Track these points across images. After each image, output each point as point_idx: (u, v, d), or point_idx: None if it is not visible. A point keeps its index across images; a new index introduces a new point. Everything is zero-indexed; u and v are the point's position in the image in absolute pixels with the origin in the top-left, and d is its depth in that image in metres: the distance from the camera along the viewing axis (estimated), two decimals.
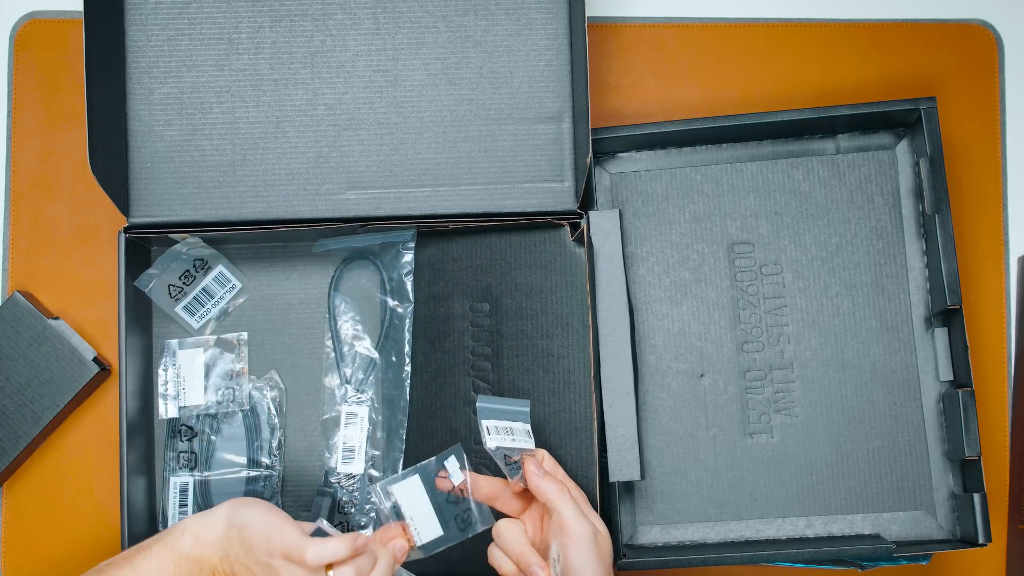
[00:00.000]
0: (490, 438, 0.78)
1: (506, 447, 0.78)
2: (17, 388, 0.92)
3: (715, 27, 0.99)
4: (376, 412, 0.93)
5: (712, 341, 0.90)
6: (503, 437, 0.79)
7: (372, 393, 0.93)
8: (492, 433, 0.78)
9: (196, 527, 0.75)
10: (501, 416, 0.80)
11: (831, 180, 0.91)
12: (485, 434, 0.78)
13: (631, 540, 0.89)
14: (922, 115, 0.88)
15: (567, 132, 0.90)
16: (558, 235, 0.88)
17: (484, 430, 0.78)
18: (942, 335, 0.89)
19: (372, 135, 0.90)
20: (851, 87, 0.98)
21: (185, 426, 0.93)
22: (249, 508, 0.75)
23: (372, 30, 0.90)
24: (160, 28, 0.90)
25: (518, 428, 0.80)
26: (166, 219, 0.89)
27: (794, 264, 0.90)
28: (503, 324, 0.90)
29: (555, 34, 0.90)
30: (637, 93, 0.98)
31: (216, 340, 0.93)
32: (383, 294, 0.94)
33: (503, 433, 0.79)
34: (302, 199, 0.89)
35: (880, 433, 0.88)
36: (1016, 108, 0.98)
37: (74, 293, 0.96)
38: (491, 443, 0.78)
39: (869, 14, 0.99)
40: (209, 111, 0.90)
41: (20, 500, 0.95)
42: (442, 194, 0.90)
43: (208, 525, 0.75)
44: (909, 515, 0.88)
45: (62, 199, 0.96)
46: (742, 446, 0.89)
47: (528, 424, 0.81)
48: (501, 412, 0.80)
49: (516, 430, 0.80)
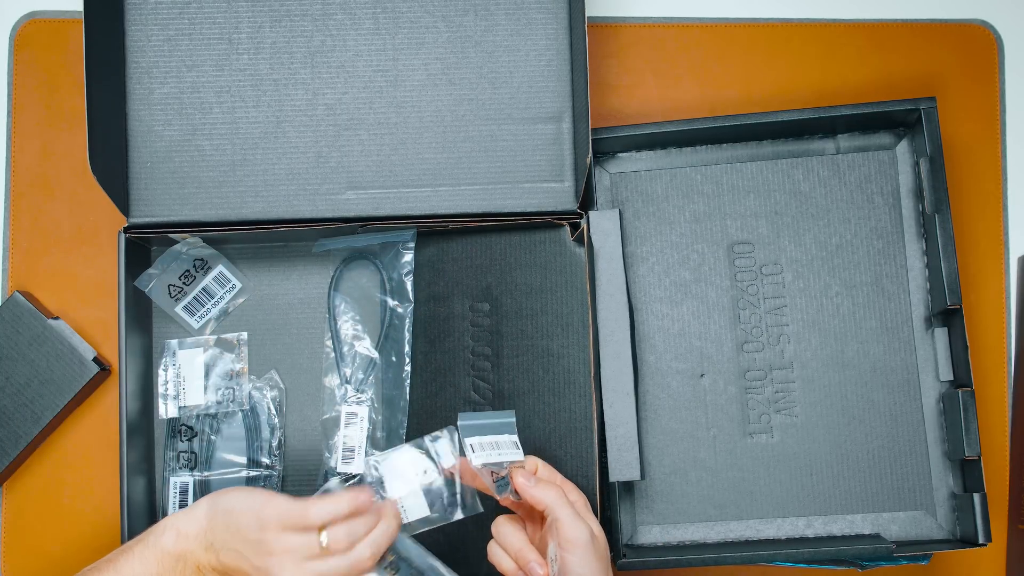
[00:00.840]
0: (475, 456, 0.76)
1: (492, 463, 0.77)
2: (17, 388, 0.92)
3: (715, 27, 0.99)
4: (376, 412, 0.93)
5: (712, 341, 0.90)
6: (488, 453, 0.77)
7: (372, 393, 0.93)
8: (477, 450, 0.77)
9: (177, 523, 0.75)
10: (485, 431, 0.78)
11: (831, 180, 0.91)
12: (469, 452, 0.76)
13: (631, 540, 0.89)
14: (922, 115, 0.88)
15: (567, 132, 0.90)
16: (558, 235, 0.88)
17: (468, 448, 0.77)
18: (942, 335, 0.89)
19: (372, 135, 0.90)
20: (851, 87, 0.98)
21: (185, 426, 0.93)
22: (231, 494, 0.75)
23: (372, 30, 0.90)
24: (160, 28, 0.90)
25: (504, 441, 0.79)
26: (166, 219, 0.89)
27: (794, 264, 0.91)
28: (503, 324, 0.90)
29: (555, 34, 0.90)
30: (637, 93, 0.98)
31: (216, 340, 0.93)
32: (383, 294, 0.94)
33: (488, 449, 0.77)
34: (302, 199, 0.89)
35: (880, 433, 0.88)
36: (1016, 108, 0.98)
37: (74, 293, 0.96)
38: (476, 461, 0.76)
39: (869, 14, 0.99)
40: (209, 111, 0.90)
41: (20, 500, 0.95)
42: (442, 194, 0.90)
43: (189, 519, 0.75)
44: (909, 515, 0.88)
45: (62, 199, 0.96)
46: (742, 446, 0.89)
47: (515, 435, 0.79)
48: (484, 427, 0.79)
49: (502, 443, 0.78)
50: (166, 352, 0.93)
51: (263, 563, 0.72)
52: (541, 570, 0.76)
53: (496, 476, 0.77)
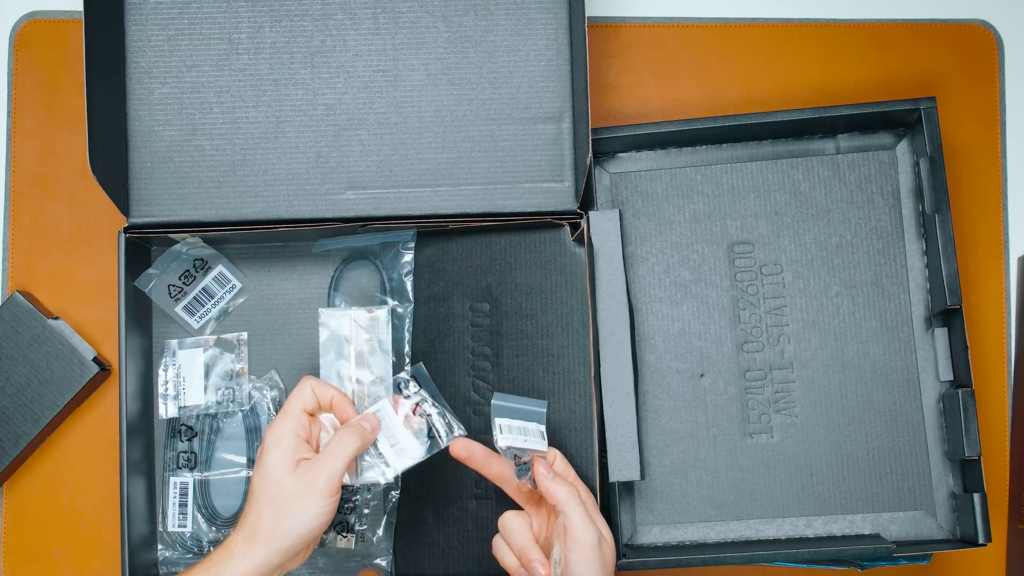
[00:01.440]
0: (502, 436, 0.77)
1: (517, 447, 0.78)
2: (17, 388, 0.92)
3: (715, 27, 0.99)
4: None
5: (712, 341, 0.90)
6: (515, 436, 0.78)
7: None
8: (504, 432, 0.78)
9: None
10: (515, 415, 0.79)
11: (831, 180, 0.91)
12: (497, 432, 0.77)
13: (631, 540, 0.89)
14: (922, 115, 0.88)
15: (567, 132, 0.90)
16: (558, 235, 0.88)
17: (496, 428, 0.78)
18: (942, 335, 0.89)
19: (372, 135, 0.90)
20: (851, 87, 0.98)
21: (185, 426, 0.93)
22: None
23: (372, 30, 0.90)
24: (160, 28, 0.90)
25: (532, 428, 0.80)
26: (166, 219, 0.89)
27: (794, 264, 0.91)
28: (503, 324, 0.90)
29: (555, 34, 0.90)
30: (637, 93, 0.98)
31: (216, 340, 0.93)
32: (383, 294, 0.94)
33: (516, 432, 0.78)
34: (302, 199, 0.89)
35: (880, 433, 0.89)
36: (1016, 108, 0.98)
37: (74, 293, 0.96)
38: (502, 442, 0.77)
39: (869, 14, 0.99)
40: (209, 111, 0.90)
41: (20, 500, 0.95)
42: (442, 194, 0.90)
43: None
44: (909, 515, 0.88)
45: (62, 199, 0.97)
46: (742, 446, 0.89)
47: (543, 425, 0.80)
48: (516, 411, 0.80)
49: (530, 430, 0.79)
50: (166, 352, 0.93)
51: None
52: (543, 570, 0.76)
53: (518, 461, 0.78)
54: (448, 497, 0.90)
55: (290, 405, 0.78)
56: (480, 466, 0.81)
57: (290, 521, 0.74)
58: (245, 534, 0.75)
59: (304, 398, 0.79)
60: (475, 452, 0.81)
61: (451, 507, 0.90)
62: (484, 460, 0.81)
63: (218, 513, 0.92)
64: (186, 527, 0.92)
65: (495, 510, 0.86)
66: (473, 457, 0.81)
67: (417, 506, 0.91)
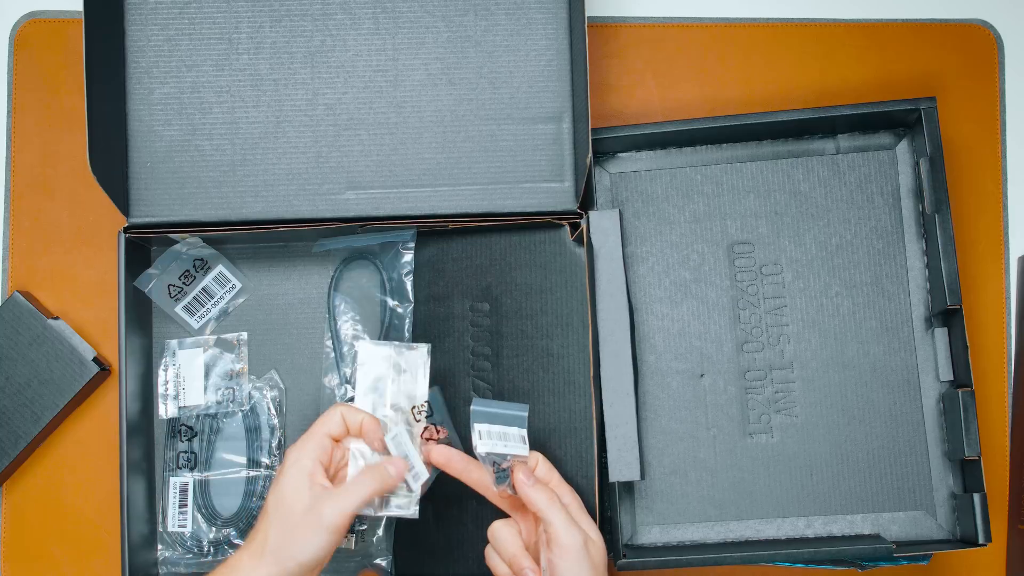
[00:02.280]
0: (481, 443, 0.77)
1: (496, 453, 0.77)
2: (17, 388, 0.92)
3: (715, 27, 0.99)
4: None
5: (712, 341, 0.90)
6: (495, 442, 0.77)
7: None
8: (484, 437, 0.77)
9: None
10: (495, 420, 0.79)
11: (831, 180, 0.91)
12: (476, 438, 0.77)
13: (631, 540, 0.89)
14: (922, 115, 0.88)
15: (567, 132, 0.90)
16: (558, 235, 0.88)
17: (475, 434, 0.77)
18: (942, 335, 0.89)
19: (372, 135, 0.90)
20: (851, 87, 0.98)
21: (185, 426, 0.93)
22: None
23: (372, 30, 0.90)
24: (160, 28, 0.90)
25: (512, 433, 0.79)
26: (166, 219, 0.89)
27: (794, 264, 0.91)
28: (503, 324, 0.90)
29: (555, 34, 0.90)
30: (637, 93, 0.98)
31: (216, 340, 0.93)
32: (383, 294, 0.94)
33: (495, 438, 0.77)
34: (302, 199, 0.89)
35: (880, 433, 0.88)
36: (1016, 108, 0.98)
37: (74, 293, 0.96)
38: (481, 448, 0.76)
39: (869, 14, 0.99)
40: (209, 111, 0.90)
41: (20, 500, 0.95)
42: (442, 194, 0.90)
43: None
44: (909, 515, 0.88)
45: (62, 199, 0.97)
46: (742, 446, 0.89)
47: (524, 429, 0.80)
48: (496, 416, 0.79)
49: (510, 435, 0.79)
50: (166, 352, 0.93)
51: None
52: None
53: (497, 468, 0.77)
54: (448, 497, 0.89)
55: (315, 428, 0.78)
56: (459, 473, 0.80)
57: (293, 546, 0.74)
58: (251, 551, 0.74)
59: (331, 424, 0.78)
60: (453, 459, 0.80)
61: (451, 507, 0.90)
62: (463, 467, 0.80)
63: (218, 513, 0.92)
64: (186, 527, 0.92)
65: (495, 511, 0.86)
66: (451, 463, 0.80)
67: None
